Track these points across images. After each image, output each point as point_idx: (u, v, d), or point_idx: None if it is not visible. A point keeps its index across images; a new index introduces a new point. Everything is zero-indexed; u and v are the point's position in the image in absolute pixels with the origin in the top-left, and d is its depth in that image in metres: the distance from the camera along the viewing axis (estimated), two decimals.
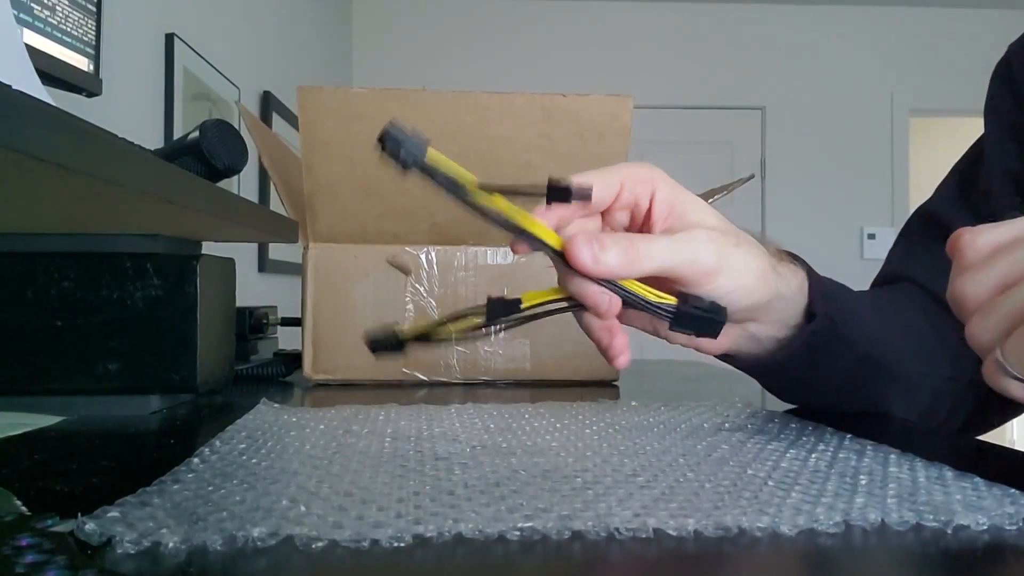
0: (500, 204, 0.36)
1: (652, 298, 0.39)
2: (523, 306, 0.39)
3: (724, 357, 0.50)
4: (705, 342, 0.44)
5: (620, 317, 0.42)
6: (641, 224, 0.43)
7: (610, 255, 0.37)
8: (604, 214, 0.43)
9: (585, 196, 0.38)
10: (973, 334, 0.34)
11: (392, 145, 0.34)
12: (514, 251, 0.39)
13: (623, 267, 0.38)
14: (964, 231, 0.36)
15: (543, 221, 0.38)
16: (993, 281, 0.34)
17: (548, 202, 0.38)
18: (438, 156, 0.34)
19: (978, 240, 0.36)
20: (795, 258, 0.48)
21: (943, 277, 0.37)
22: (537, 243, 0.37)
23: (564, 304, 0.40)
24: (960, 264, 0.36)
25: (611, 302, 0.38)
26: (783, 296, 0.45)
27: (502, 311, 0.39)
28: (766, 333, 0.47)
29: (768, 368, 0.50)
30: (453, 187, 0.35)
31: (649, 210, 0.42)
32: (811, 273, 0.48)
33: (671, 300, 0.39)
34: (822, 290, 0.48)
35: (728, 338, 0.46)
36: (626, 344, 0.42)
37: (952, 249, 0.37)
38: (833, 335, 0.48)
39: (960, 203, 0.63)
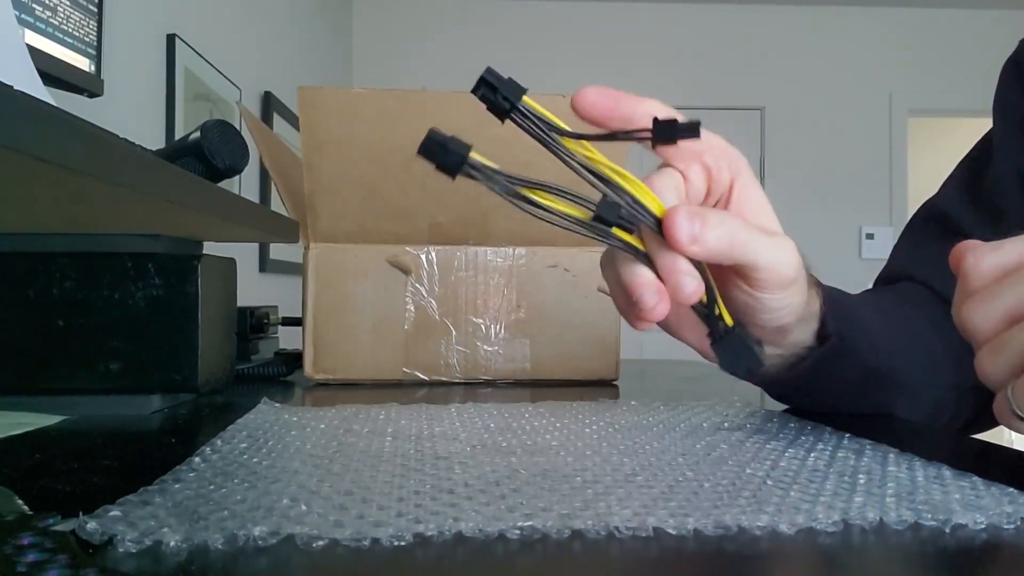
0: (595, 156, 0.33)
1: (721, 307, 0.36)
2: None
3: None
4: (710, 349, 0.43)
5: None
6: (715, 203, 0.39)
7: (711, 236, 0.33)
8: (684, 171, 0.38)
9: (693, 133, 0.32)
10: (983, 368, 0.34)
11: (487, 91, 0.31)
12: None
13: (722, 252, 0.34)
14: (967, 249, 0.35)
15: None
16: (1000, 312, 0.33)
17: (654, 145, 0.34)
18: (533, 103, 0.32)
19: (982, 263, 0.35)
20: (817, 283, 0.46)
21: (948, 275, 0.37)
22: (636, 207, 0.33)
23: (638, 256, 0.35)
24: (965, 288, 0.35)
25: (696, 291, 0.33)
26: (801, 321, 0.44)
27: (610, 215, 0.32)
28: (773, 352, 0.46)
29: (771, 379, 0.50)
30: (550, 131, 0.32)
31: (729, 193, 0.39)
32: (825, 297, 0.46)
33: (730, 320, 0.36)
34: (833, 310, 0.46)
35: None
36: (664, 313, 0.36)
37: (955, 267, 0.36)
38: (841, 351, 0.47)
39: (967, 200, 0.62)
